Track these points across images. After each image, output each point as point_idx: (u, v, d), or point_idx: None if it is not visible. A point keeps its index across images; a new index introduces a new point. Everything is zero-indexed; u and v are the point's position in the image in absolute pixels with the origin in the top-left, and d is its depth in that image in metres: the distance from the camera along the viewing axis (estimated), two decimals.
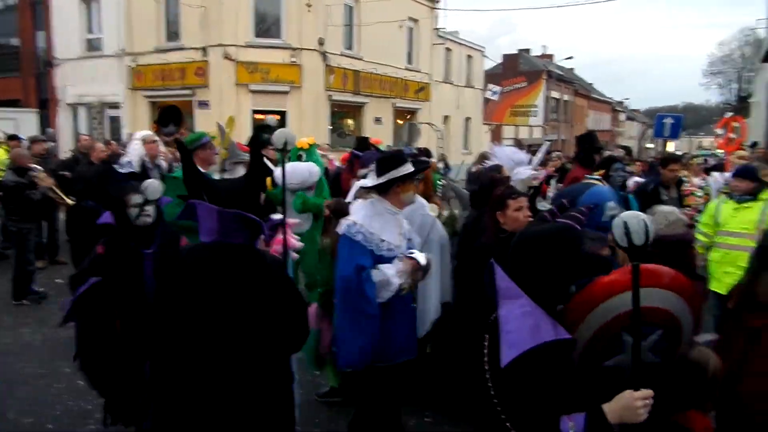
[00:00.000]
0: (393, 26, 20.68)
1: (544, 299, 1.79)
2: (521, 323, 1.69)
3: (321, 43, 17.57)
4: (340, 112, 19.87)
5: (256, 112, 16.90)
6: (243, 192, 2.47)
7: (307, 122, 16.92)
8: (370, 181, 3.25)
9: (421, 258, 3.13)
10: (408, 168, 3.15)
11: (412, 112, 23.22)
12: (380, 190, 3.17)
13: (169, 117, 3.90)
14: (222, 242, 2.21)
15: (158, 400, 2.27)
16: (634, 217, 1.72)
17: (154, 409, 2.33)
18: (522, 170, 5.16)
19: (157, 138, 5.98)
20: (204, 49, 16.98)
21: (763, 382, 2.83)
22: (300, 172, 5.36)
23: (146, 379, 2.79)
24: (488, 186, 3.83)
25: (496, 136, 33.34)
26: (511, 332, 1.68)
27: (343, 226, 3.12)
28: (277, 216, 3.58)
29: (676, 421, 2.39)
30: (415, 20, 22.87)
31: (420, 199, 4.48)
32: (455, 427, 3.96)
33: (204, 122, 15.26)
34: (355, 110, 20.46)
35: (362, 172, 5.03)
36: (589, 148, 6.05)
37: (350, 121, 20.75)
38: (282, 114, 17.03)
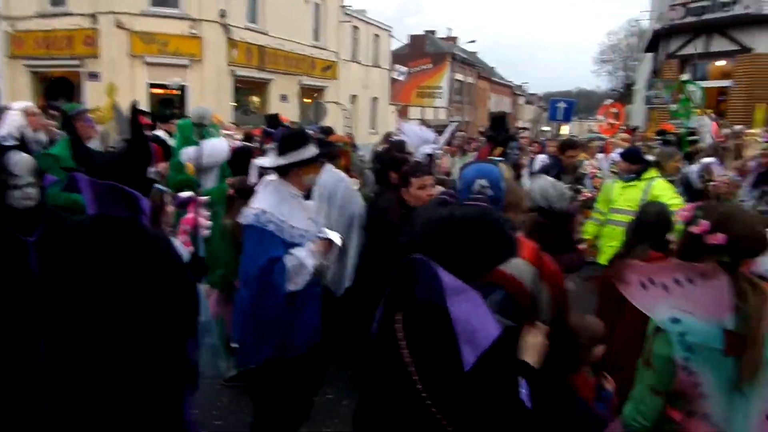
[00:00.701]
0: (299, 1, 20.24)
1: (472, 281, 1.72)
2: (476, 321, 1.61)
3: (222, 15, 16.84)
4: (245, 88, 19.23)
5: (153, 85, 15.96)
6: (120, 164, 2.25)
7: (209, 98, 16.22)
8: (270, 160, 3.04)
9: (335, 237, 3.02)
10: (312, 151, 2.99)
11: (319, 91, 22.95)
12: (281, 171, 2.96)
13: (59, 90, 3.59)
14: (103, 215, 2.16)
15: (53, 382, 2.19)
16: (546, 182, 2.01)
17: (49, 392, 2.21)
18: (426, 148, 5.30)
19: (38, 110, 5.51)
20: (93, 16, 15.72)
21: (634, 344, 3.14)
22: (220, 149, 5.18)
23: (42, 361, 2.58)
24: (391, 164, 3.89)
25: (403, 117, 33.77)
26: (469, 332, 1.59)
27: (249, 216, 2.84)
28: (186, 193, 3.45)
29: (566, 382, 2.62)
30: None
31: (341, 173, 4.51)
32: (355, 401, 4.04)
33: (94, 95, 14.18)
34: (260, 87, 19.90)
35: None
36: (500, 128, 6.40)
37: (255, 98, 20.17)
38: (182, 89, 16.22)
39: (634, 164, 5.16)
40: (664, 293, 1.71)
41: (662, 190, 4.86)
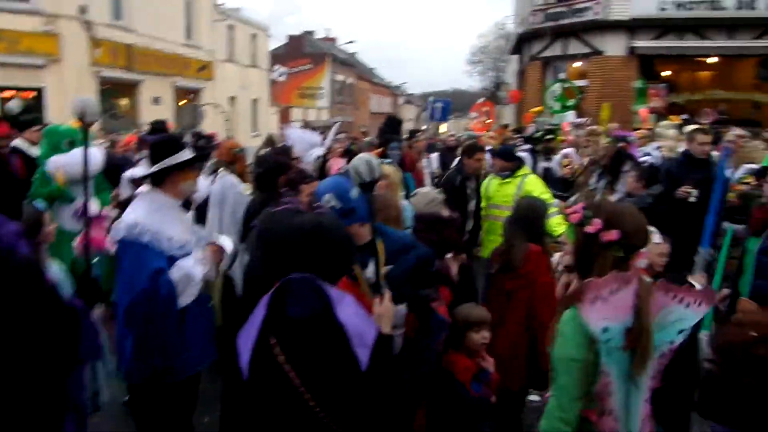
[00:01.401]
0: None
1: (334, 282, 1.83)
2: (359, 322, 1.71)
3: (83, 11, 15.55)
4: (112, 90, 17.91)
5: (3, 88, 14.39)
6: None
7: (71, 102, 14.92)
8: (143, 169, 2.89)
9: (226, 242, 2.86)
10: (185, 154, 2.81)
11: (195, 92, 21.97)
12: (155, 180, 2.78)
13: None
14: None
15: None
16: (361, 159, 2.23)
17: None
18: (316, 151, 5.25)
19: None
20: None
21: (516, 332, 3.34)
22: (94, 158, 4.72)
23: None
24: (274, 169, 3.80)
25: (285, 118, 33.30)
26: (358, 333, 1.68)
27: (120, 230, 2.62)
28: (94, 208, 3.19)
29: (444, 368, 2.76)
30: None
31: (233, 179, 4.36)
32: None
33: None
34: (129, 89, 18.64)
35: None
36: (388, 130, 6.51)
37: (124, 101, 18.88)
38: (38, 91, 14.77)
39: (508, 162, 5.47)
40: (603, 305, 1.78)
41: (534, 186, 5.23)
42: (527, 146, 8.93)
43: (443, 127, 20.78)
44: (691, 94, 15.91)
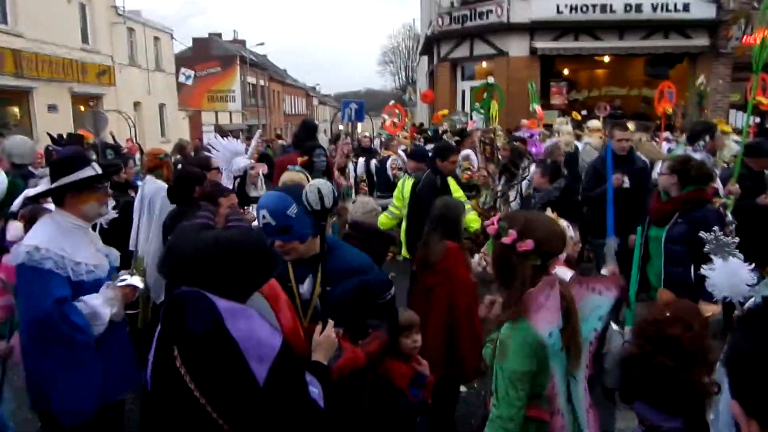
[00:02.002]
0: (60, 1, 18.03)
1: (245, 298, 1.79)
2: (259, 335, 1.66)
3: None
4: (0, 98, 16.59)
5: None
6: None
7: None
8: (41, 187, 2.70)
9: (137, 281, 2.66)
10: (87, 172, 2.57)
11: (97, 98, 20.78)
12: (56, 200, 2.59)
13: None
14: None
15: None
16: (324, 184, 2.12)
17: None
18: (239, 159, 5.05)
19: None
20: None
21: (437, 327, 3.43)
22: None
23: None
24: (187, 181, 3.67)
25: (195, 123, 32.19)
26: (254, 348, 1.64)
27: (20, 254, 2.40)
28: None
29: (381, 375, 2.77)
30: None
31: (162, 183, 4.19)
32: None
33: None
34: (20, 96, 17.33)
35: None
36: (305, 136, 6.37)
37: (15, 110, 17.52)
38: None
39: (421, 162, 5.58)
40: (546, 312, 1.83)
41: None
42: (430, 146, 9.17)
43: (360, 128, 20.87)
44: (589, 92, 16.99)
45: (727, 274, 2.34)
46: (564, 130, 7.76)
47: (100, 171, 2.65)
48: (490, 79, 10.85)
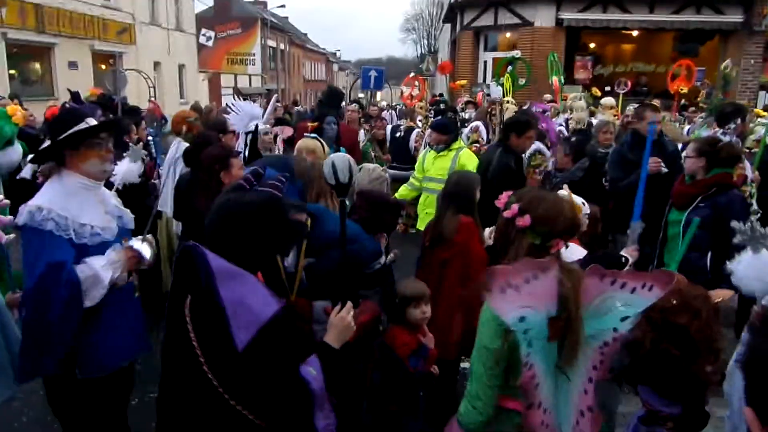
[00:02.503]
0: None
1: (254, 269, 1.77)
2: (248, 303, 1.64)
3: None
4: (22, 54, 16.64)
5: None
6: None
7: None
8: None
9: (145, 249, 2.54)
10: (79, 126, 2.42)
11: (116, 57, 20.75)
12: (57, 160, 2.49)
13: None
14: None
15: None
16: (340, 158, 2.04)
17: None
18: (250, 124, 5.03)
19: None
20: None
21: (450, 301, 3.44)
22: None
23: None
24: (201, 145, 3.65)
25: (215, 85, 32.10)
26: (241, 314, 1.62)
27: (23, 215, 2.34)
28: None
29: (383, 341, 2.81)
30: None
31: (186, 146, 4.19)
32: None
33: None
34: (41, 52, 17.38)
35: None
36: (327, 102, 6.30)
37: (37, 66, 17.59)
38: None
39: (443, 135, 5.49)
40: (515, 294, 1.66)
41: (468, 160, 5.29)
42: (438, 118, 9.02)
43: (379, 96, 20.67)
44: (615, 67, 16.58)
45: (754, 266, 2.22)
46: (577, 106, 7.51)
47: (93, 124, 2.50)
48: (516, 53, 10.58)
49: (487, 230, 3.28)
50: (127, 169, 3.08)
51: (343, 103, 9.19)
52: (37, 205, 2.33)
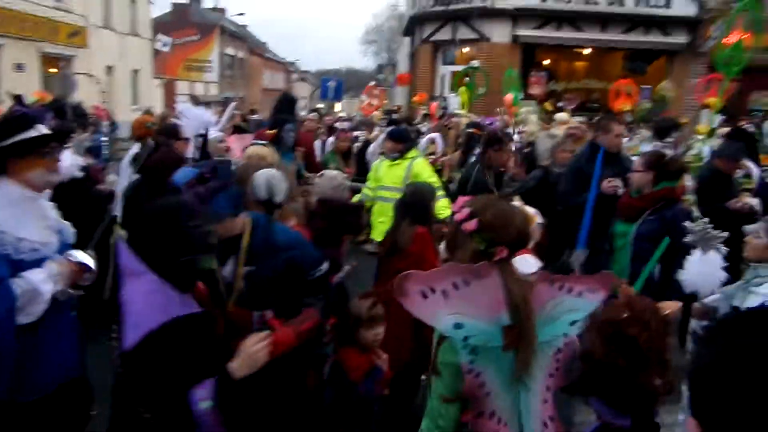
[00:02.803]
0: None
1: (169, 274, 1.74)
2: (146, 302, 1.64)
3: None
4: None
5: None
6: None
7: None
8: None
9: (88, 260, 2.36)
10: (29, 134, 2.26)
11: (67, 60, 20.09)
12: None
13: None
14: None
15: None
16: (277, 177, 2.06)
17: None
18: (201, 129, 4.92)
19: None
20: None
21: (403, 315, 3.41)
22: None
23: None
24: (153, 149, 3.57)
25: (170, 91, 31.44)
26: (134, 313, 1.61)
27: None
28: None
29: (336, 361, 2.74)
30: None
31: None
32: None
33: None
34: None
35: None
36: (283, 109, 6.22)
37: None
38: None
39: (398, 143, 5.52)
40: (443, 300, 1.61)
41: (422, 169, 5.33)
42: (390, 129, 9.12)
43: (337, 107, 20.65)
44: (568, 83, 17.06)
45: (702, 266, 2.27)
46: (530, 120, 7.77)
47: (45, 132, 2.33)
48: (474, 63, 10.79)
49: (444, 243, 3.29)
50: (70, 162, 2.95)
51: (302, 112, 9.14)
52: None
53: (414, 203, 3.64)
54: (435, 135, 7.70)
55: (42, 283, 2.19)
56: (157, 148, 3.50)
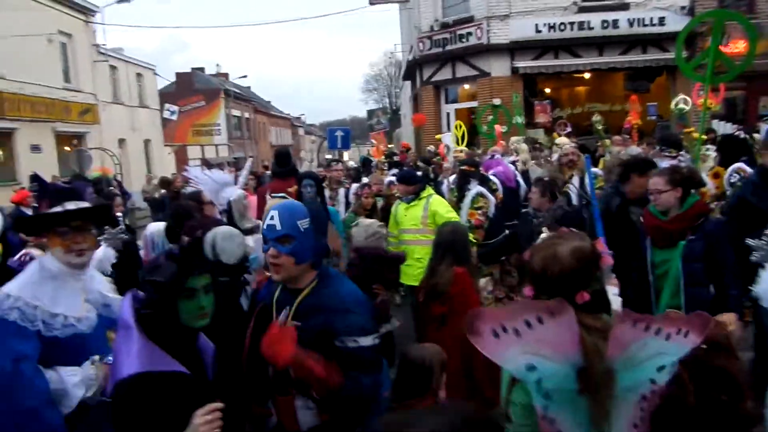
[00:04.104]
0: (41, 40, 18.01)
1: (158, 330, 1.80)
2: (121, 355, 1.72)
3: None
4: None
5: None
6: None
7: None
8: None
9: None
10: (53, 209, 2.23)
11: (80, 137, 20.65)
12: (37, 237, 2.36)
13: None
14: None
15: None
16: (226, 235, 2.06)
17: None
18: (230, 190, 4.85)
19: None
20: None
21: (454, 359, 3.27)
22: None
23: None
24: (183, 217, 3.48)
25: (181, 158, 32.08)
26: (113, 364, 1.74)
27: None
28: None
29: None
30: (68, 34, 20.40)
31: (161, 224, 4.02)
32: None
33: None
34: (2, 138, 17.17)
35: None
36: (283, 163, 6.33)
37: None
38: None
39: (410, 186, 5.47)
40: (516, 339, 1.50)
41: (439, 206, 5.27)
42: (394, 171, 9.15)
43: (346, 155, 20.85)
44: (572, 108, 17.13)
45: None
46: (521, 149, 7.86)
47: (57, 210, 2.26)
48: (496, 101, 10.96)
49: (483, 280, 3.20)
50: (102, 256, 2.91)
51: (307, 162, 9.24)
52: (6, 292, 2.13)
53: (454, 242, 3.57)
54: (483, 189, 7.25)
55: (75, 387, 2.11)
56: (186, 215, 3.39)
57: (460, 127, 9.80)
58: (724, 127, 10.38)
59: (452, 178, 7.71)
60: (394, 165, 10.06)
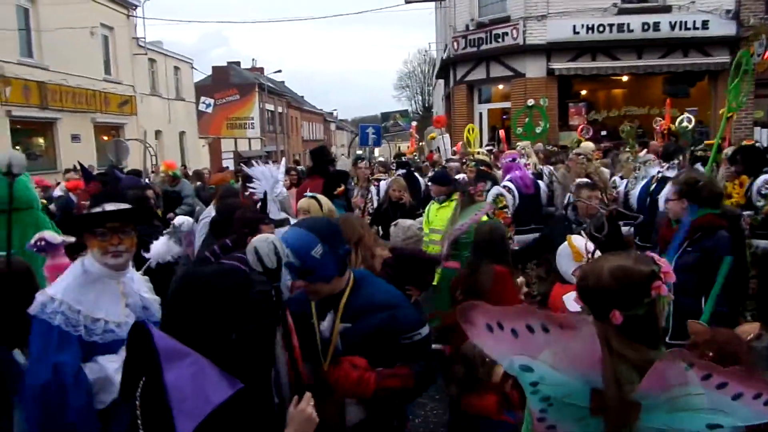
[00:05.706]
0: (83, 33, 18.51)
1: (208, 349, 1.58)
2: (195, 387, 1.48)
3: None
4: (25, 129, 16.96)
5: None
6: None
7: None
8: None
9: None
10: (92, 210, 2.29)
11: (118, 128, 21.16)
12: (77, 241, 2.36)
13: None
14: None
15: None
16: (263, 241, 1.85)
17: None
18: (279, 187, 4.85)
19: None
20: None
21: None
22: None
23: None
24: (228, 211, 3.50)
25: (215, 150, 32.61)
26: (186, 399, 1.45)
27: (36, 305, 2.12)
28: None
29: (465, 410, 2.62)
30: (110, 28, 20.91)
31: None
32: None
33: None
34: (44, 127, 17.71)
35: None
36: (322, 160, 6.42)
37: (40, 140, 17.89)
38: None
39: (442, 186, 5.53)
40: (511, 338, 1.49)
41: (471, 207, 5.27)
42: (401, 170, 9.19)
43: (377, 151, 20.91)
44: (608, 111, 16.81)
45: None
46: (531, 153, 7.79)
47: (94, 211, 2.27)
48: (530, 102, 10.91)
49: (520, 279, 3.20)
50: (163, 248, 2.96)
51: (343, 157, 9.37)
52: (51, 295, 2.13)
53: (493, 241, 3.57)
54: (463, 176, 7.30)
55: (116, 372, 2.07)
56: (233, 209, 3.39)
57: (473, 130, 9.82)
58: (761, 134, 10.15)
59: (461, 176, 7.66)
60: (401, 165, 10.26)
